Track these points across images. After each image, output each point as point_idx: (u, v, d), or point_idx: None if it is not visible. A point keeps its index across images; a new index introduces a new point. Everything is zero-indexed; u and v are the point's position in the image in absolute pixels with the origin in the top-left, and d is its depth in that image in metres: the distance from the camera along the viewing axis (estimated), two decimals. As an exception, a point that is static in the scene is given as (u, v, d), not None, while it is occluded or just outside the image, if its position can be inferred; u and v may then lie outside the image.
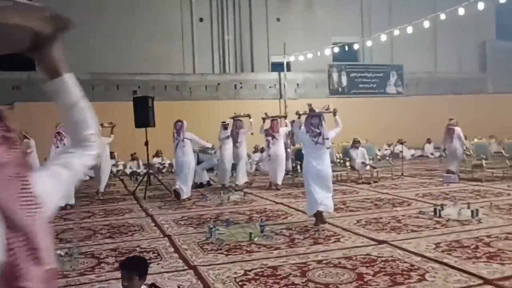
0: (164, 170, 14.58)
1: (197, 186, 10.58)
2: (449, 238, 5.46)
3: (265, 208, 7.74)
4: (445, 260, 4.58)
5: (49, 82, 1.22)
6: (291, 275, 4.31)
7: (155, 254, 5.14)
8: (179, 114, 16.19)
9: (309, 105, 6.61)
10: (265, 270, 4.49)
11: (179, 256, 5.03)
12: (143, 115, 9.60)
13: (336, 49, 16.87)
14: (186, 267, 4.64)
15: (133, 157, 14.14)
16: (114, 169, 14.10)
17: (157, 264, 4.78)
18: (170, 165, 14.84)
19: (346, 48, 16.45)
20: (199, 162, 10.88)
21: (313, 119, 6.33)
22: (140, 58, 16.67)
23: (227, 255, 5.04)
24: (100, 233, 6.33)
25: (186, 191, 8.72)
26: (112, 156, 14.21)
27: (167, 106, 15.66)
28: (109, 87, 15.18)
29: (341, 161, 11.12)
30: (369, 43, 16.32)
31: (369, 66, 18.90)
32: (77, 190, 10.80)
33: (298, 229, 6.13)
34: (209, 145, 10.43)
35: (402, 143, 16.31)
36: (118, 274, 3.82)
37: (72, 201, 8.60)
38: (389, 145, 17.06)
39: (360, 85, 18.53)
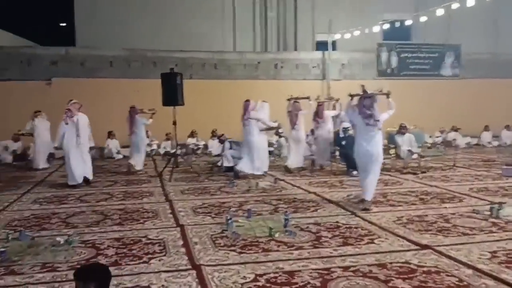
0: (198, 151, 14.11)
1: (226, 170, 10.00)
2: (509, 246, 4.52)
3: (295, 198, 6.99)
4: (503, 276, 3.70)
5: None
6: (309, 285, 3.59)
7: (161, 248, 4.57)
8: (216, 93, 15.65)
9: (362, 86, 6.46)
10: (280, 275, 3.79)
11: (186, 252, 4.43)
12: (171, 93, 9.04)
13: (386, 26, 15.60)
14: (189, 267, 4.03)
15: (168, 137, 13.74)
16: (148, 149, 13.80)
17: (159, 260, 4.21)
18: (206, 146, 14.36)
19: (398, 24, 15.14)
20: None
21: (366, 100, 6.22)
22: (178, 35, 16.18)
23: (240, 253, 4.38)
24: (111, 218, 5.84)
25: (258, 166, 8.94)
26: (146, 135, 13.94)
27: (205, 84, 15.16)
28: (146, 64, 14.78)
29: (385, 147, 10.09)
30: (423, 19, 14.88)
31: (422, 45, 17.41)
32: (106, 169, 10.73)
33: (327, 225, 5.37)
34: (274, 125, 10.22)
35: (456, 130, 14.96)
36: (112, 269, 3.50)
37: (90, 176, 8.59)
38: (441, 132, 15.70)
39: (412, 66, 17.14)
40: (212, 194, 7.39)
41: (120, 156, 13.33)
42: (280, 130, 11.54)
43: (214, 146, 13.71)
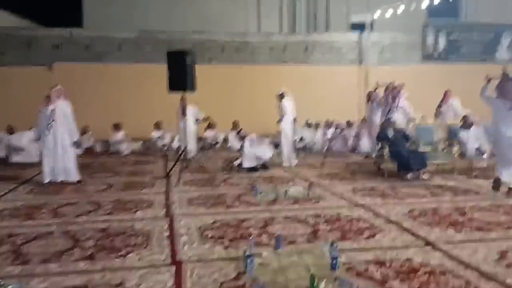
0: (217, 146, 12.39)
1: (249, 169, 8.27)
2: None
3: (338, 214, 5.17)
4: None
5: None
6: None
7: (144, 238, 4.19)
8: (237, 80, 13.88)
9: (503, 68, 6.43)
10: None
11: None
12: (179, 75, 7.31)
13: (433, 1, 13.44)
14: (169, 262, 3.55)
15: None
16: (160, 143, 12.17)
17: (136, 254, 3.80)
18: (226, 140, 12.62)
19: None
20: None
21: (509, 84, 6.02)
22: (195, 14, 14.48)
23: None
24: (104, 208, 5.49)
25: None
26: (158, 126, 12.30)
27: (225, 70, 13.40)
28: (158, 47, 13.06)
29: (447, 145, 8.13)
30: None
31: (475, 25, 15.15)
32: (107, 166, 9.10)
33: (397, 266, 3.52)
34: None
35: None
36: (83, 265, 3.59)
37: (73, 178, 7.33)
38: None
39: (462, 49, 14.95)
40: (228, 207, 5.62)
41: (128, 151, 11.75)
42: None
43: (235, 140, 11.97)
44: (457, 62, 14.75)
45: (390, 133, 7.77)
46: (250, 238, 4.05)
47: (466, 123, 7.89)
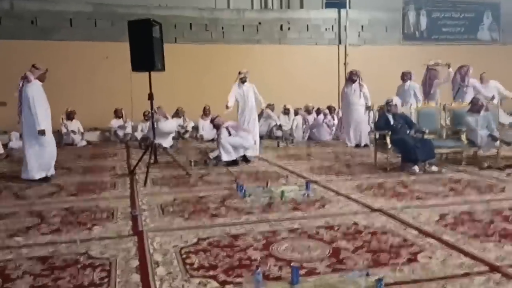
0: (186, 136, 11.09)
1: (228, 163, 7.08)
2: None
3: (355, 223, 4.07)
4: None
5: None
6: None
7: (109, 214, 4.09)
8: (207, 61, 12.53)
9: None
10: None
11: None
12: (144, 51, 5.95)
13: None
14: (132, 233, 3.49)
15: (146, 117, 10.63)
16: (121, 133, 10.74)
17: (102, 227, 3.84)
18: (196, 128, 11.33)
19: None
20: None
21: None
22: (158, -14, 12.94)
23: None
24: (67, 190, 5.42)
25: None
26: (118, 114, 10.86)
27: (193, 50, 12.03)
28: (117, 23, 11.54)
29: (453, 132, 7.17)
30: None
31: (458, 3, 14.40)
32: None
33: None
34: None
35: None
36: (51, 236, 3.73)
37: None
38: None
39: (444, 29, 14.21)
40: (212, 216, 4.40)
41: (84, 143, 10.26)
42: None
43: (206, 129, 10.72)
44: (439, 43, 14.00)
45: (391, 119, 6.76)
46: (256, 271, 2.87)
47: (475, 106, 6.96)
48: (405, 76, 9.47)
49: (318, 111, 10.87)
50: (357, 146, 9.19)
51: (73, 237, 3.75)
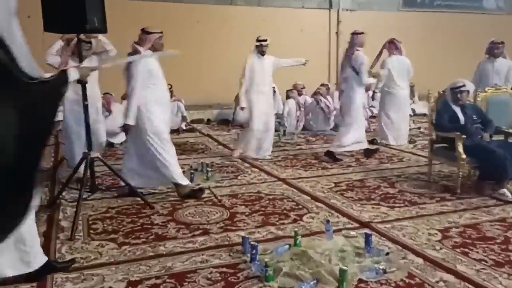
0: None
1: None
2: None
3: None
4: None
5: None
6: None
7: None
8: (171, 25, 9.70)
9: None
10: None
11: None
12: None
13: None
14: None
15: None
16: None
17: None
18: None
19: None
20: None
21: None
22: None
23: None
24: None
25: None
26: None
27: (154, 10, 9.20)
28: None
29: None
30: None
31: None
32: None
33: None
34: None
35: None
36: None
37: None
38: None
39: (447, -6, 12.15)
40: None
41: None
42: None
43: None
44: (440, 10, 11.96)
45: (459, 114, 4.50)
46: None
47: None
48: (496, 49, 6.62)
49: (316, 93, 8.45)
50: (373, 141, 6.82)
51: None
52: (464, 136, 4.27)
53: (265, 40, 5.69)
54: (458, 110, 4.52)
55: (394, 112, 6.66)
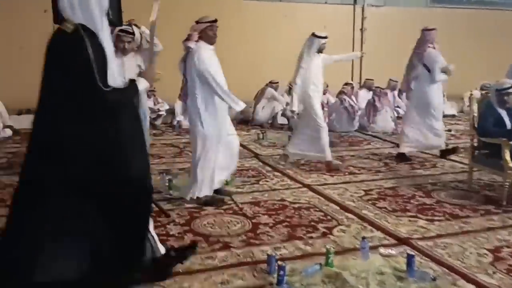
0: (158, 122, 8.20)
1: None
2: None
3: None
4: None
5: None
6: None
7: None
8: (182, 21, 9.42)
9: None
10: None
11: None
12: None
13: None
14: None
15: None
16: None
17: None
18: (172, 112, 8.40)
19: None
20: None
21: None
22: None
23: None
24: None
25: None
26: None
27: (170, 5, 8.90)
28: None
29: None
30: None
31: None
32: None
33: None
34: None
35: None
36: None
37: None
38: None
39: (478, -10, 11.58)
40: None
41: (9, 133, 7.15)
42: None
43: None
44: (473, 7, 11.42)
45: (505, 117, 4.09)
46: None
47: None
48: None
49: (340, 93, 8.07)
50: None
51: None
52: (511, 142, 3.87)
53: (326, 37, 5.28)
54: (504, 113, 4.11)
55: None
